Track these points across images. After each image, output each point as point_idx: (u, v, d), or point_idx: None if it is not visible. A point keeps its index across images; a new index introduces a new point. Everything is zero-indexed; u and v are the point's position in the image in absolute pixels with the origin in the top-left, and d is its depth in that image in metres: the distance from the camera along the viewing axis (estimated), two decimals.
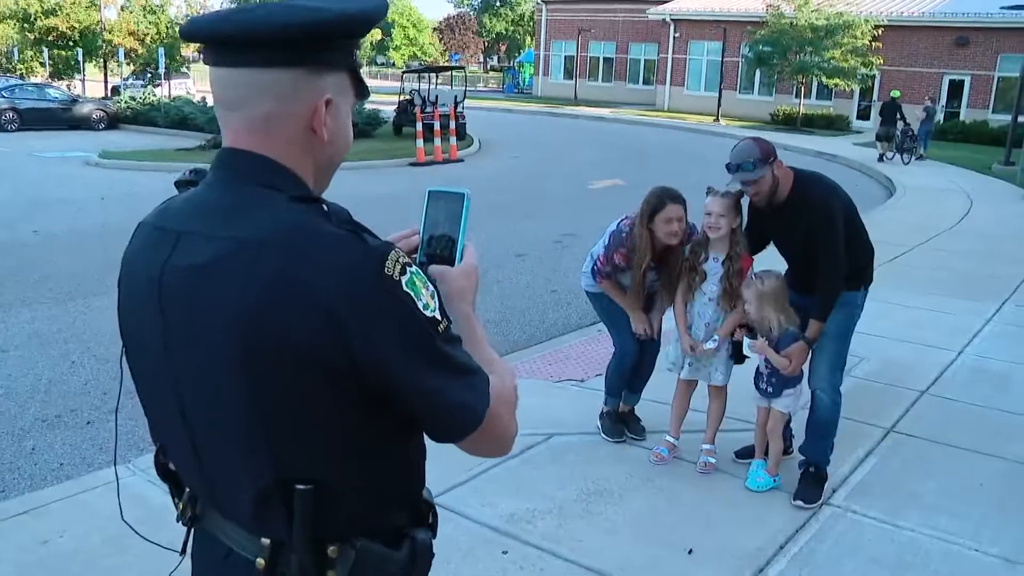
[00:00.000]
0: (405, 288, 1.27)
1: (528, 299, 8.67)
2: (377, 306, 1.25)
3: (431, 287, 1.33)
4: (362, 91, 1.46)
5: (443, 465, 4.69)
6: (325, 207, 1.36)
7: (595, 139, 27.00)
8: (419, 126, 20.03)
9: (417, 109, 21.61)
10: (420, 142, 19.78)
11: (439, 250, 1.59)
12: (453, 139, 21.11)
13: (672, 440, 4.86)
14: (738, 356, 4.69)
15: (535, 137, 27.03)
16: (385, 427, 1.37)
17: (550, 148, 24.19)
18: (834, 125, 34.57)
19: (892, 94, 25.27)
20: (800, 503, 4.35)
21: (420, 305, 1.28)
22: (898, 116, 23.03)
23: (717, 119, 35.04)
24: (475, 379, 1.37)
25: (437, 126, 20.47)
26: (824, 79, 33.59)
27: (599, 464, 4.83)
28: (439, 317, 1.31)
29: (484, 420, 1.36)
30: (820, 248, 4.15)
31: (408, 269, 1.28)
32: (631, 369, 5.00)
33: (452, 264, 1.57)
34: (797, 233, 4.26)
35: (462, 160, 20.69)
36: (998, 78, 34.50)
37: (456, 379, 1.34)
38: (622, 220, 4.71)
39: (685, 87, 42.82)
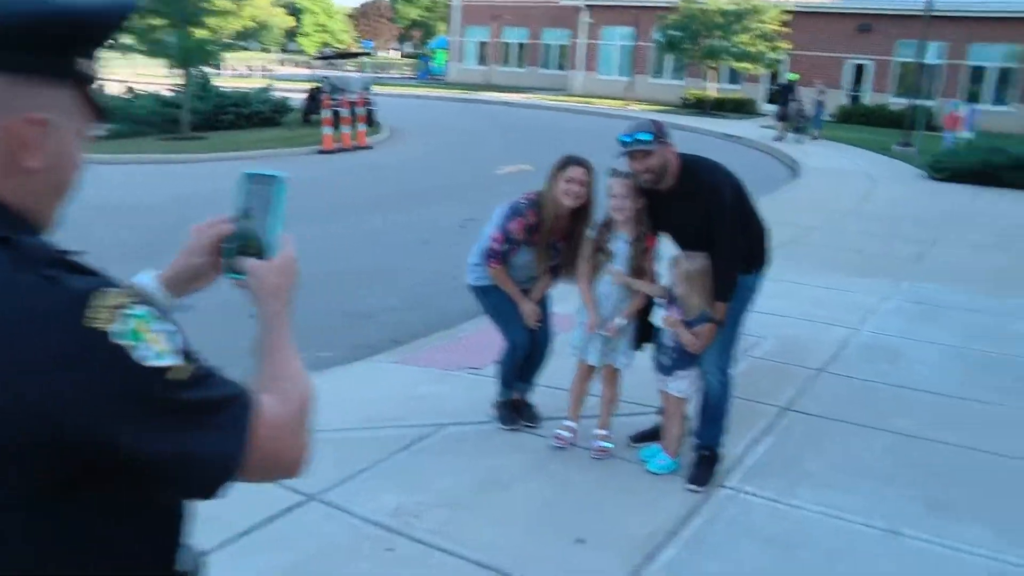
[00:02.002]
0: (113, 340, 1.02)
1: (432, 286, 8.50)
2: (75, 369, 1.01)
3: (165, 325, 1.09)
4: (97, 112, 1.20)
5: (328, 461, 4.57)
6: (18, 245, 1.06)
7: (507, 125, 26.88)
8: (327, 113, 19.63)
9: (325, 96, 21.19)
10: (328, 129, 19.39)
11: (252, 241, 1.42)
12: (362, 126, 20.77)
13: (572, 424, 4.77)
14: (638, 342, 4.63)
15: (447, 124, 26.78)
16: (110, 506, 1.13)
17: (461, 134, 23.99)
18: (743, 109, 35.10)
19: (789, 76, 25.92)
20: (693, 487, 4.30)
21: (138, 355, 1.04)
22: (792, 97, 23.75)
23: (629, 104, 35.25)
24: (227, 416, 1.15)
25: (346, 113, 20.10)
26: (733, 63, 34.07)
27: (492, 454, 4.71)
28: (172, 363, 1.07)
29: (241, 460, 1.14)
30: (715, 230, 4.10)
31: (122, 312, 1.04)
32: (524, 360, 4.89)
33: (265, 256, 1.41)
34: (689, 218, 4.20)
35: (371, 147, 20.36)
36: (897, 63, 35.45)
37: (198, 428, 1.11)
38: (518, 197, 4.64)
39: (598, 72, 43.01)
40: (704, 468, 4.38)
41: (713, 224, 4.11)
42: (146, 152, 17.05)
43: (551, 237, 4.62)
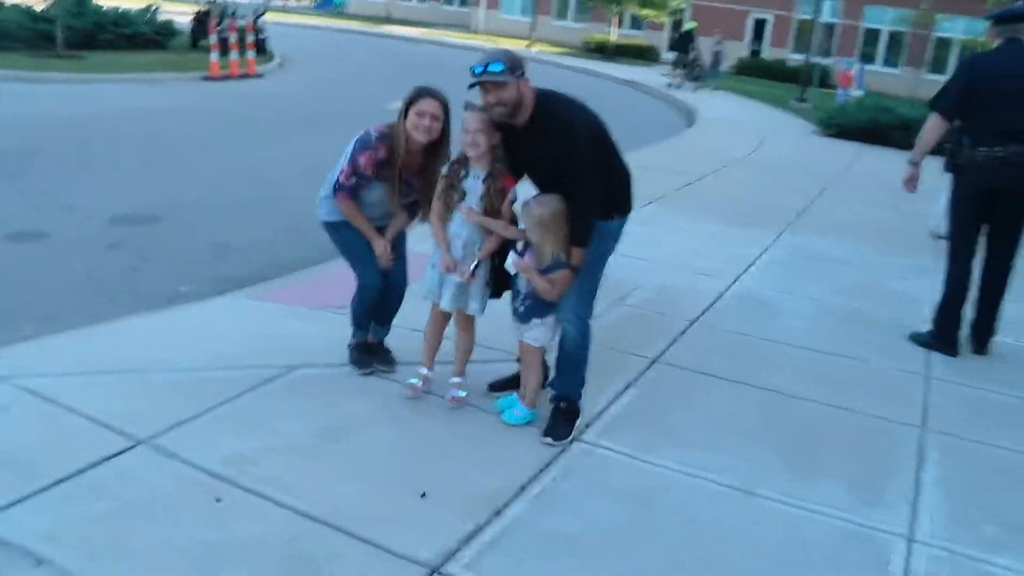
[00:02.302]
0: None
1: (308, 219, 8.04)
2: None
3: None
4: None
5: (164, 403, 4.23)
6: None
7: (403, 60, 26.21)
8: (213, 39, 18.73)
9: (212, 20, 20.20)
10: (215, 55, 18.53)
11: None
12: (251, 53, 19.92)
13: (425, 371, 4.50)
14: (496, 288, 4.36)
15: (342, 56, 25.99)
16: None
17: (355, 67, 23.30)
18: (645, 55, 35.01)
19: (687, 25, 25.94)
20: (548, 440, 4.09)
21: None
22: (691, 47, 23.88)
23: (530, 44, 34.80)
24: None
25: (234, 39, 19.23)
26: (636, 9, 33.90)
27: (342, 399, 4.41)
28: None
29: None
30: (568, 168, 3.84)
31: None
32: (378, 301, 4.60)
33: None
34: (544, 154, 3.92)
35: (261, 76, 19.57)
36: (797, 19, 35.85)
37: None
38: (369, 129, 4.32)
39: (501, 11, 42.32)
40: (561, 421, 4.17)
41: (569, 163, 3.85)
42: (15, 68, 15.95)
43: (404, 173, 4.31)
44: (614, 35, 35.61)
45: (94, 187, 8.75)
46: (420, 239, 4.79)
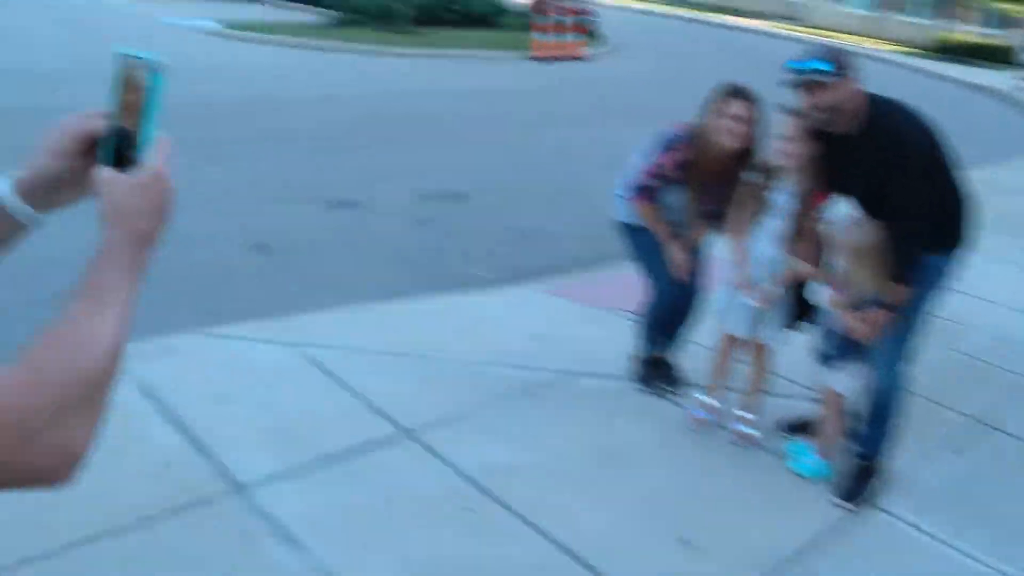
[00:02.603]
0: None
1: (608, 213, 7.86)
2: None
3: None
4: None
5: (437, 392, 4.14)
6: None
7: (732, 50, 25.29)
8: (544, 19, 19.04)
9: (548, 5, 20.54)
10: (541, 36, 18.81)
11: (124, 144, 1.02)
12: (578, 36, 20.03)
13: (710, 400, 4.09)
14: (796, 318, 3.87)
15: (670, 43, 25.55)
16: None
17: (682, 56, 22.78)
18: (997, 56, 31.46)
19: None
20: (841, 502, 3.55)
21: None
22: None
23: (873, 42, 32.56)
24: None
25: (565, 20, 19.43)
26: (998, 4, 30.67)
27: (618, 418, 4.12)
28: None
29: None
30: (893, 189, 3.26)
31: None
32: (668, 313, 4.25)
33: (133, 165, 1.01)
34: (865, 171, 3.35)
35: (587, 59, 19.62)
36: None
37: None
38: (671, 128, 3.98)
39: (840, 3, 39.92)
40: (858, 481, 3.61)
41: (895, 184, 3.27)
42: (363, 42, 17.10)
43: (706, 178, 3.91)
44: (967, 34, 32.52)
45: (413, 162, 9.03)
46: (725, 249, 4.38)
